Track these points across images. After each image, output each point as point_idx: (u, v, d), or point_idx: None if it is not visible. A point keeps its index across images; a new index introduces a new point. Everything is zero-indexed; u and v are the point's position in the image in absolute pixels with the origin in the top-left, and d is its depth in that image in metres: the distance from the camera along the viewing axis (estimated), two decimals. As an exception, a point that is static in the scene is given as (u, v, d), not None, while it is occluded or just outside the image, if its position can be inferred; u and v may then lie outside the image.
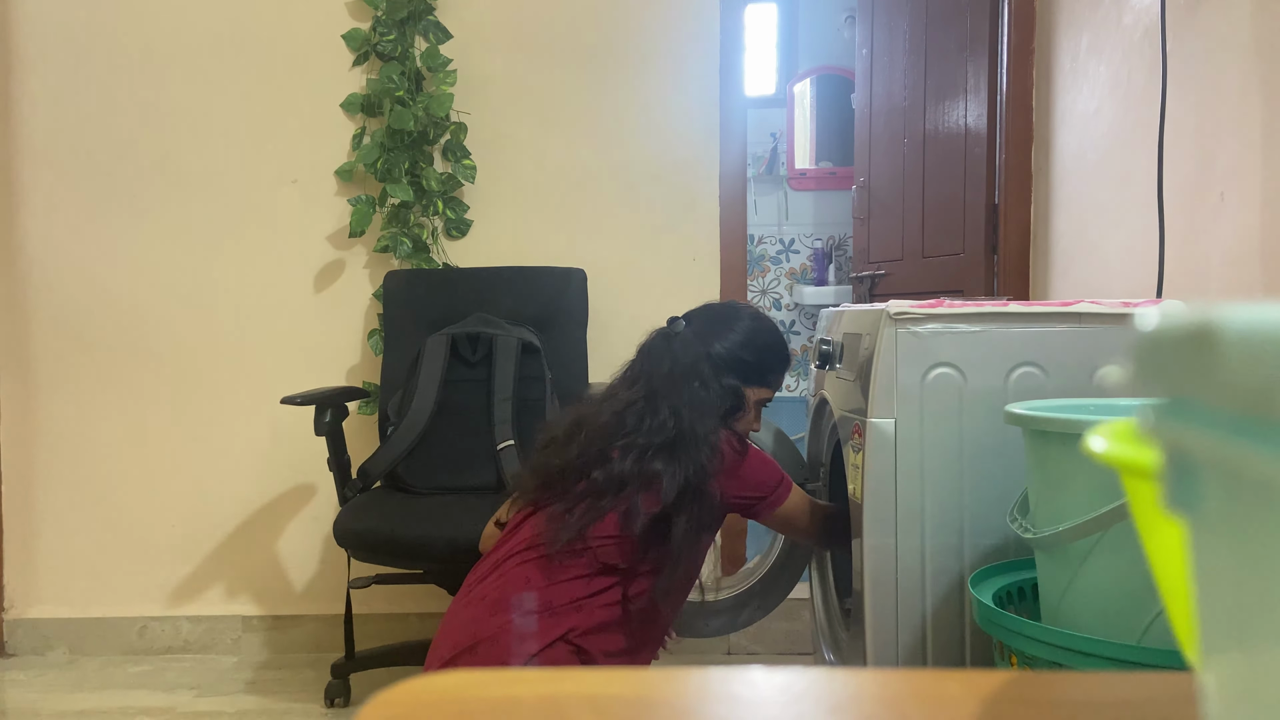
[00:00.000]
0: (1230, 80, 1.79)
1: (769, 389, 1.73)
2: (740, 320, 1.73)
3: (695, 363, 1.64)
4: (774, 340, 1.75)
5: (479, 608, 1.52)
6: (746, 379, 1.69)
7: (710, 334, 1.69)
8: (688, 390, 1.60)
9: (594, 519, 1.51)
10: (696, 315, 1.75)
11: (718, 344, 1.67)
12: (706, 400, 1.60)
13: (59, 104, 2.67)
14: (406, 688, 0.48)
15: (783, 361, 1.76)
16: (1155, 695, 0.48)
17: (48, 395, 2.70)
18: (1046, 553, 1.20)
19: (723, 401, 1.63)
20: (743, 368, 1.68)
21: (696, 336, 1.68)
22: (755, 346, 1.71)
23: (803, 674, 0.50)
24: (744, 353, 1.69)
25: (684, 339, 1.68)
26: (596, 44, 2.71)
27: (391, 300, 2.57)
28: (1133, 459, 0.33)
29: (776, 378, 1.75)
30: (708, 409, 1.60)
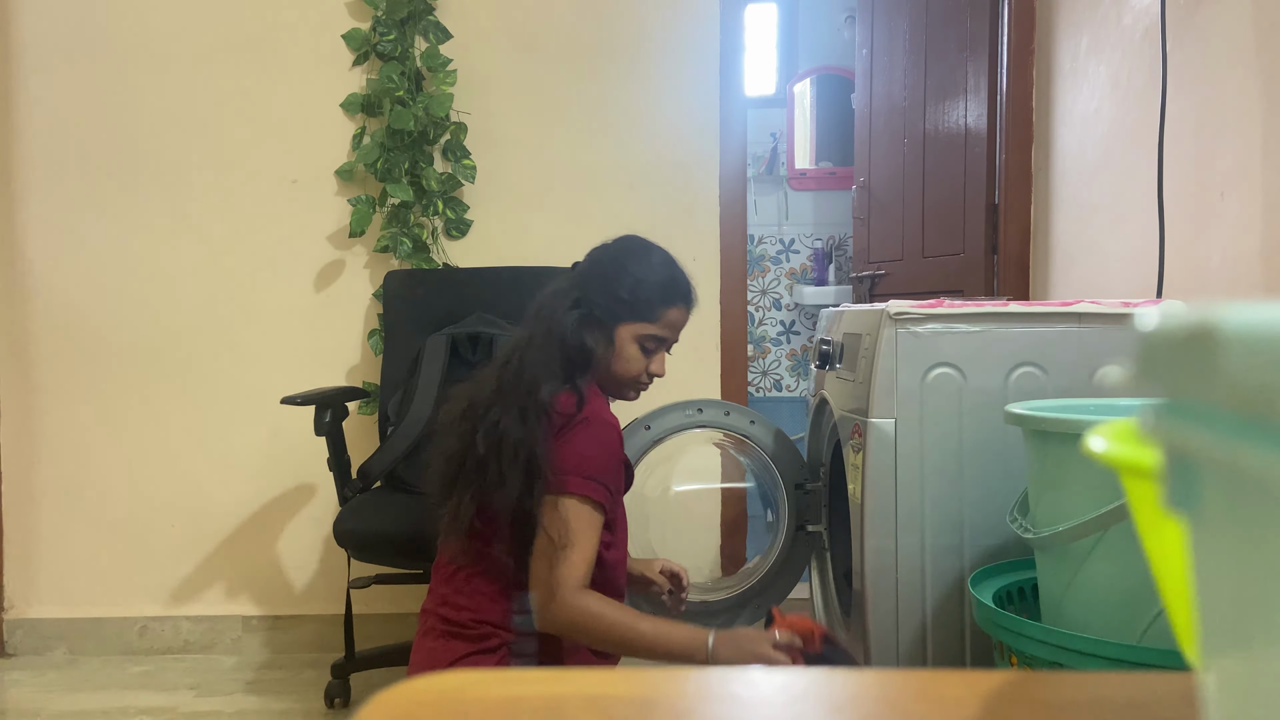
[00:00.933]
0: (1230, 80, 1.79)
1: (649, 323, 1.51)
2: (611, 252, 1.56)
3: (551, 311, 1.49)
4: (649, 269, 1.53)
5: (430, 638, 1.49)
6: (618, 316, 1.50)
7: (583, 274, 1.54)
8: (534, 345, 1.47)
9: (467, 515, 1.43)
10: (585, 259, 1.59)
11: (585, 284, 1.52)
12: (547, 353, 1.45)
13: (59, 104, 2.67)
14: (406, 688, 0.48)
15: (662, 289, 1.52)
16: (1155, 695, 0.48)
17: (48, 395, 2.70)
18: (1046, 553, 1.20)
19: (565, 350, 1.46)
20: (615, 306, 1.50)
21: (570, 282, 1.54)
22: (630, 281, 1.51)
23: (803, 674, 0.50)
24: (617, 290, 1.50)
25: (558, 286, 1.54)
26: (596, 44, 2.71)
27: (391, 300, 2.57)
28: (1133, 459, 0.33)
29: (656, 309, 1.51)
30: (546, 362, 1.45)
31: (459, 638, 1.45)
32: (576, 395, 1.44)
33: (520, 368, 1.45)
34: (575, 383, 1.45)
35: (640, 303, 1.50)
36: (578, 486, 1.39)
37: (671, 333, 1.54)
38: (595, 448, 1.42)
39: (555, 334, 1.47)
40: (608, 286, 1.50)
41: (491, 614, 1.44)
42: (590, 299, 1.49)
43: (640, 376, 1.53)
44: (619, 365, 1.51)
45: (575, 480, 1.39)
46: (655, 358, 1.54)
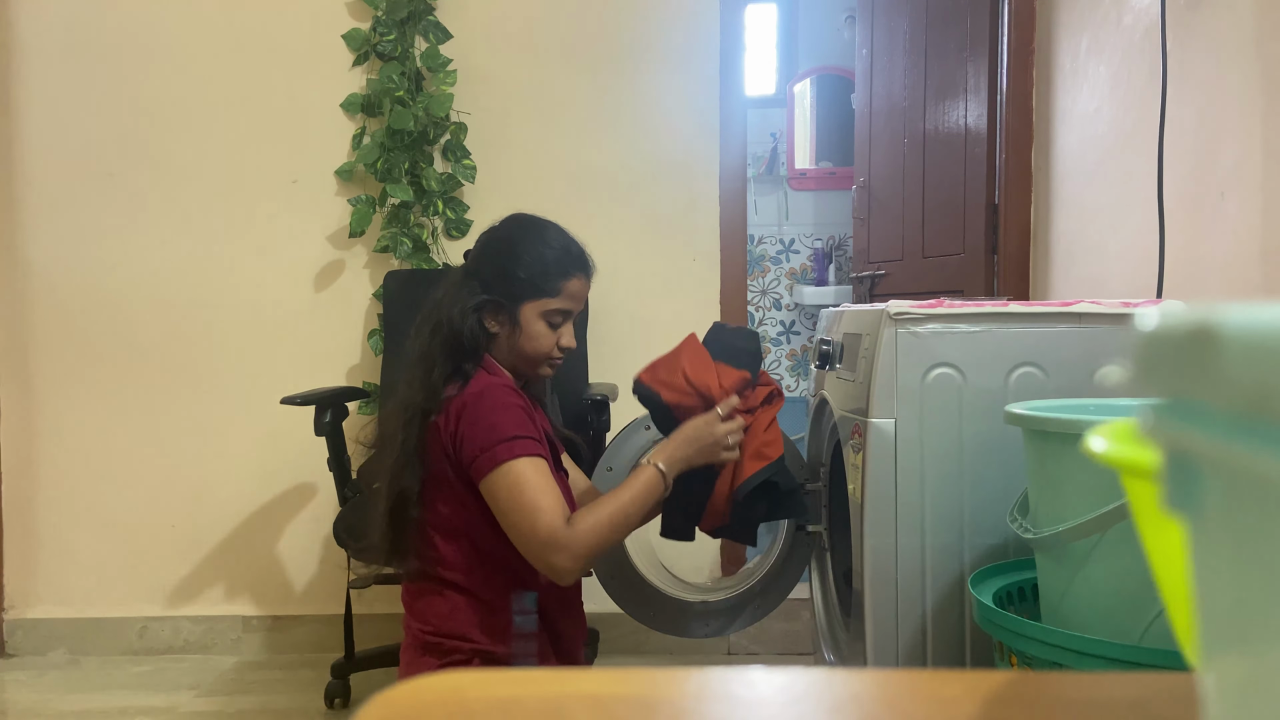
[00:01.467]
0: (1230, 80, 1.79)
1: (552, 297, 1.49)
2: (502, 233, 1.55)
3: (446, 303, 1.48)
4: (540, 244, 1.51)
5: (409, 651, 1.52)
6: (517, 296, 1.48)
7: (476, 260, 1.53)
8: (424, 343, 1.46)
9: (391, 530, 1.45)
10: (476, 245, 1.58)
11: (480, 269, 1.50)
12: (436, 348, 1.44)
13: (59, 104, 2.67)
14: (406, 688, 0.48)
15: (559, 263, 1.50)
16: (1155, 695, 0.48)
17: (47, 395, 2.70)
18: (1046, 553, 1.20)
19: (457, 340, 1.44)
20: (512, 285, 1.48)
21: (464, 271, 1.52)
22: (525, 259, 1.49)
23: (803, 674, 0.50)
24: (514, 269, 1.48)
25: (452, 279, 1.53)
26: (596, 44, 2.71)
27: (391, 300, 2.57)
28: (1133, 459, 0.33)
29: (555, 283, 1.49)
30: (434, 358, 1.44)
31: (430, 652, 1.47)
32: (461, 379, 1.43)
33: (408, 367, 1.46)
34: (464, 370, 1.44)
35: (539, 279, 1.48)
36: (507, 451, 1.37)
37: (575, 304, 1.53)
38: (500, 412, 1.40)
39: (446, 326, 1.45)
40: (504, 268, 1.49)
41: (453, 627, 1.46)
42: (488, 283, 1.48)
43: (551, 352, 1.52)
44: (528, 344, 1.49)
45: (502, 447, 1.37)
46: (563, 330, 1.52)
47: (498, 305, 1.48)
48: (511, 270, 1.48)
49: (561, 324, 1.52)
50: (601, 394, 2.27)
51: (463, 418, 1.39)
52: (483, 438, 1.38)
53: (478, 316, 1.46)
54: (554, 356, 1.53)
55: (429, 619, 1.47)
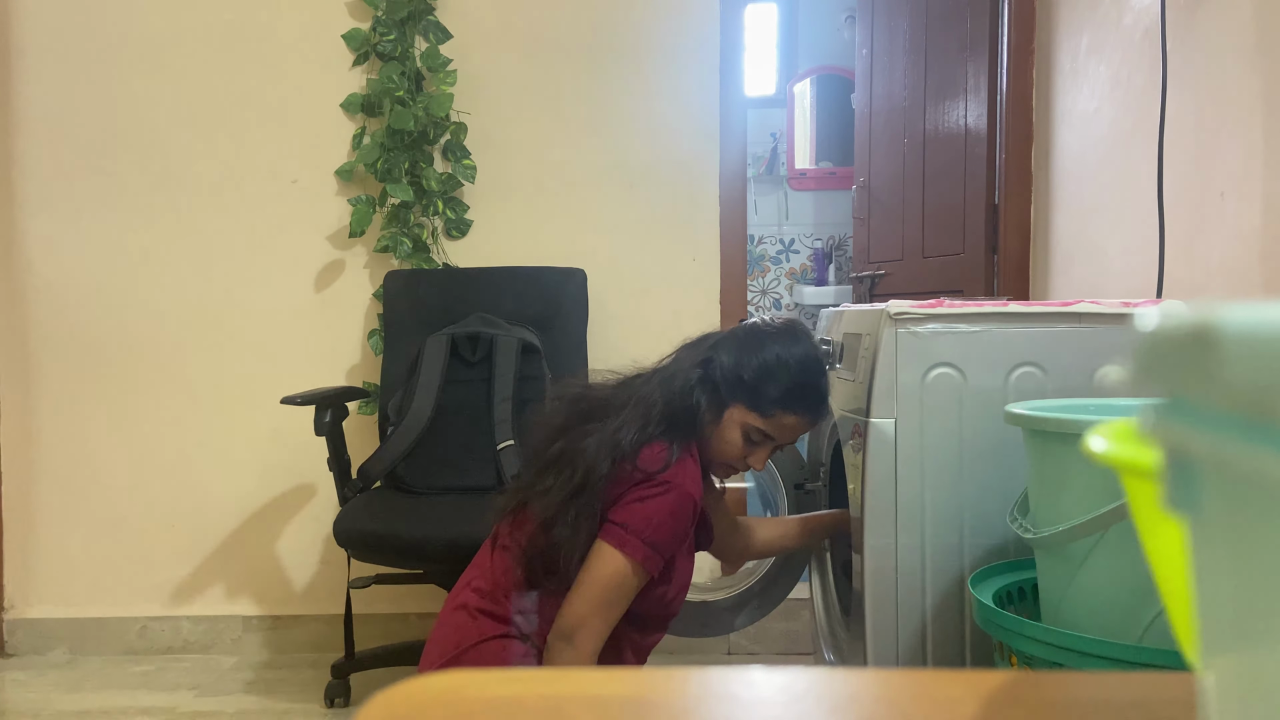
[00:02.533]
0: (1230, 80, 1.79)
1: (762, 416, 1.48)
2: (763, 329, 1.54)
3: (684, 359, 1.51)
4: (784, 365, 1.49)
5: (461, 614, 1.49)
6: (733, 394, 1.48)
7: (727, 337, 1.54)
8: (651, 384, 1.47)
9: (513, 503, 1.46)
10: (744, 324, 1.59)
11: (723, 347, 1.51)
12: (659, 397, 1.45)
13: (59, 104, 2.67)
14: (406, 688, 0.48)
15: (787, 390, 1.48)
16: (1155, 695, 0.48)
17: (47, 395, 2.70)
18: (1046, 553, 1.20)
19: (674, 404, 1.44)
20: (734, 383, 1.48)
21: (717, 339, 1.54)
22: (759, 365, 1.48)
23: (803, 674, 0.50)
24: (743, 369, 1.48)
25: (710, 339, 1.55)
26: (596, 44, 2.71)
27: (391, 300, 2.57)
28: (1133, 459, 0.33)
29: (772, 407, 1.48)
30: (653, 407, 1.44)
31: (490, 617, 1.46)
32: (667, 453, 1.41)
33: (633, 401, 1.45)
34: (673, 440, 1.42)
35: (759, 392, 1.47)
36: (635, 550, 1.38)
37: (781, 435, 1.51)
38: (666, 516, 1.40)
39: (675, 384, 1.46)
40: (738, 360, 1.48)
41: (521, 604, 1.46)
42: (718, 363, 1.48)
43: (735, 463, 1.51)
44: (717, 443, 1.49)
45: (636, 543, 1.38)
46: (757, 451, 1.51)
47: (713, 390, 1.47)
48: (741, 367, 1.48)
49: (759, 444, 1.50)
50: (601, 394, 2.27)
51: (640, 491, 1.39)
52: (636, 520, 1.39)
53: (696, 394, 1.46)
54: (735, 468, 1.53)
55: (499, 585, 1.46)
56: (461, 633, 1.46)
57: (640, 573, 1.40)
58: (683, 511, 1.41)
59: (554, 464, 1.43)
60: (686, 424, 1.45)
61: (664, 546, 1.41)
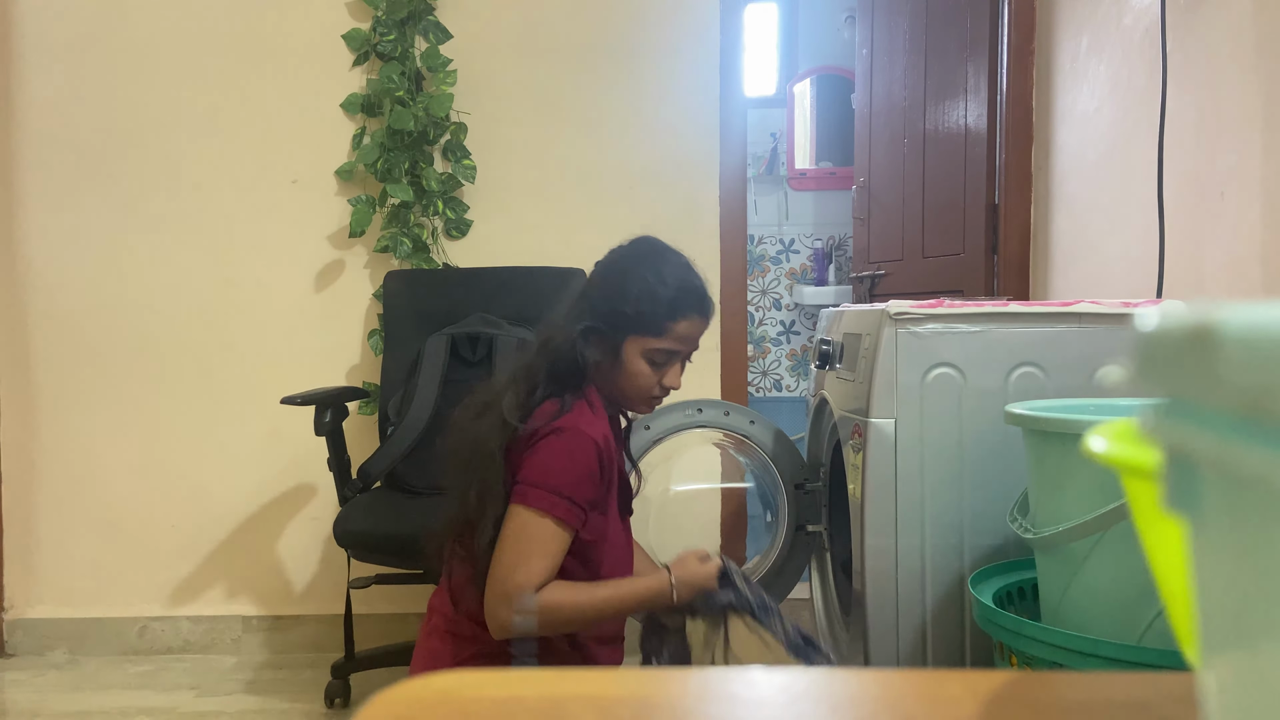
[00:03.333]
0: (1230, 80, 1.79)
1: (657, 336, 1.43)
2: (620, 259, 1.49)
3: (558, 320, 1.45)
4: (658, 279, 1.44)
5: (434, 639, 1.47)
6: (623, 330, 1.42)
7: (591, 283, 1.48)
8: (531, 353, 1.43)
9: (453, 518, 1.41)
10: (599, 262, 1.51)
11: (591, 293, 1.45)
12: (542, 361, 1.41)
13: (59, 104, 2.67)
14: (406, 688, 0.48)
15: (670, 303, 1.44)
16: (1155, 695, 0.48)
17: (47, 395, 2.70)
18: (1046, 553, 1.20)
19: (561, 361, 1.40)
20: (619, 319, 1.42)
21: (580, 291, 1.48)
22: (635, 293, 1.43)
23: (803, 674, 0.50)
24: (621, 303, 1.42)
25: (572, 293, 1.49)
26: (596, 44, 2.71)
27: (391, 300, 2.57)
28: (1133, 459, 0.33)
29: (662, 324, 1.43)
30: (538, 371, 1.40)
31: (460, 637, 1.44)
32: (557, 406, 1.37)
33: (513, 376, 1.43)
34: (564, 394, 1.39)
35: (646, 317, 1.42)
36: (537, 500, 1.33)
37: (683, 345, 1.47)
38: (563, 459, 1.34)
39: (554, 344, 1.42)
40: (613, 298, 1.43)
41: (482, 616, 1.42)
42: (596, 310, 1.43)
43: (651, 391, 1.46)
44: (626, 381, 1.44)
45: (536, 493, 1.33)
46: (667, 371, 1.46)
47: (601, 335, 1.42)
48: (619, 302, 1.42)
49: (665, 364, 1.46)
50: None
51: (534, 446, 1.35)
52: (533, 473, 1.34)
53: (582, 343, 1.41)
54: (654, 395, 1.48)
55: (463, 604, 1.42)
56: (436, 659, 1.44)
57: (556, 522, 1.33)
58: (581, 451, 1.35)
59: (457, 466, 1.40)
60: (574, 376, 1.40)
61: (571, 489, 1.34)
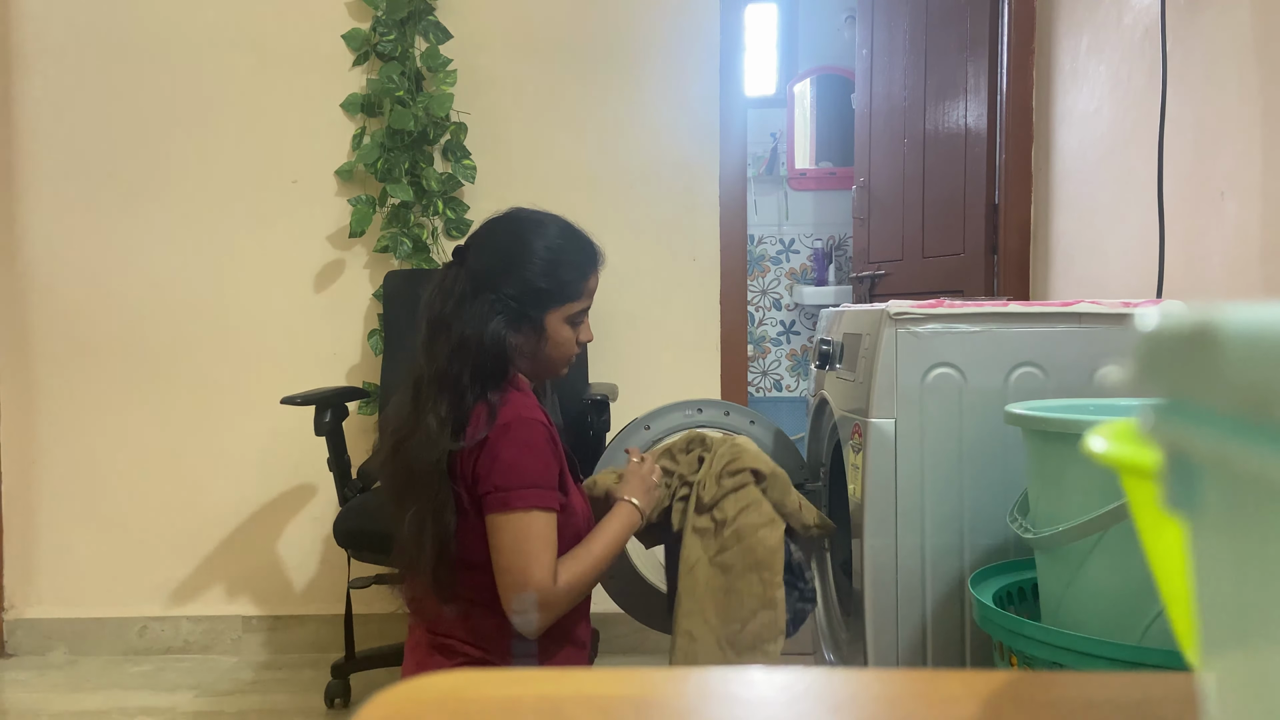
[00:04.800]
0: (1230, 80, 1.79)
1: (575, 300, 1.45)
2: (506, 238, 1.45)
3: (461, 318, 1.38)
4: (557, 243, 1.45)
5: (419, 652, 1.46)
6: (543, 305, 1.41)
7: (484, 270, 1.41)
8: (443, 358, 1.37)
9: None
10: (472, 246, 1.45)
11: (491, 280, 1.40)
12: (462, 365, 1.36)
13: (59, 103, 2.67)
14: (406, 688, 0.48)
15: (578, 265, 1.45)
16: (1155, 695, 0.48)
17: (48, 395, 2.70)
18: (1046, 553, 1.20)
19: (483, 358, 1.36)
20: (537, 295, 1.41)
21: (471, 276, 1.40)
22: (542, 263, 1.41)
23: (803, 674, 0.50)
24: (535, 279, 1.40)
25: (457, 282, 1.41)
26: (596, 44, 2.71)
27: (391, 300, 2.57)
28: (1133, 459, 0.33)
29: (578, 285, 1.45)
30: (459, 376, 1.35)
31: (440, 652, 1.43)
32: (487, 407, 1.35)
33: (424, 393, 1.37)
34: (487, 392, 1.36)
35: (563, 284, 1.43)
36: (521, 500, 1.32)
37: (591, 299, 1.49)
38: (522, 452, 1.34)
39: (470, 344, 1.36)
40: (522, 276, 1.40)
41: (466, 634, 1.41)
42: (504, 295, 1.39)
43: (574, 351, 1.48)
44: (554, 350, 1.44)
45: (514, 495, 1.32)
46: (582, 328, 1.49)
47: (519, 317, 1.40)
48: (531, 279, 1.40)
49: (581, 321, 1.48)
50: (601, 394, 2.27)
51: (487, 450, 1.33)
52: (501, 477, 1.32)
53: (504, 332, 1.38)
54: (573, 355, 1.49)
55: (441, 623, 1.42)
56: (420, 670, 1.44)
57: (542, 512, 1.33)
58: (534, 436, 1.35)
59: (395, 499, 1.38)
60: (500, 368, 1.38)
61: (540, 476, 1.34)
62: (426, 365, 1.39)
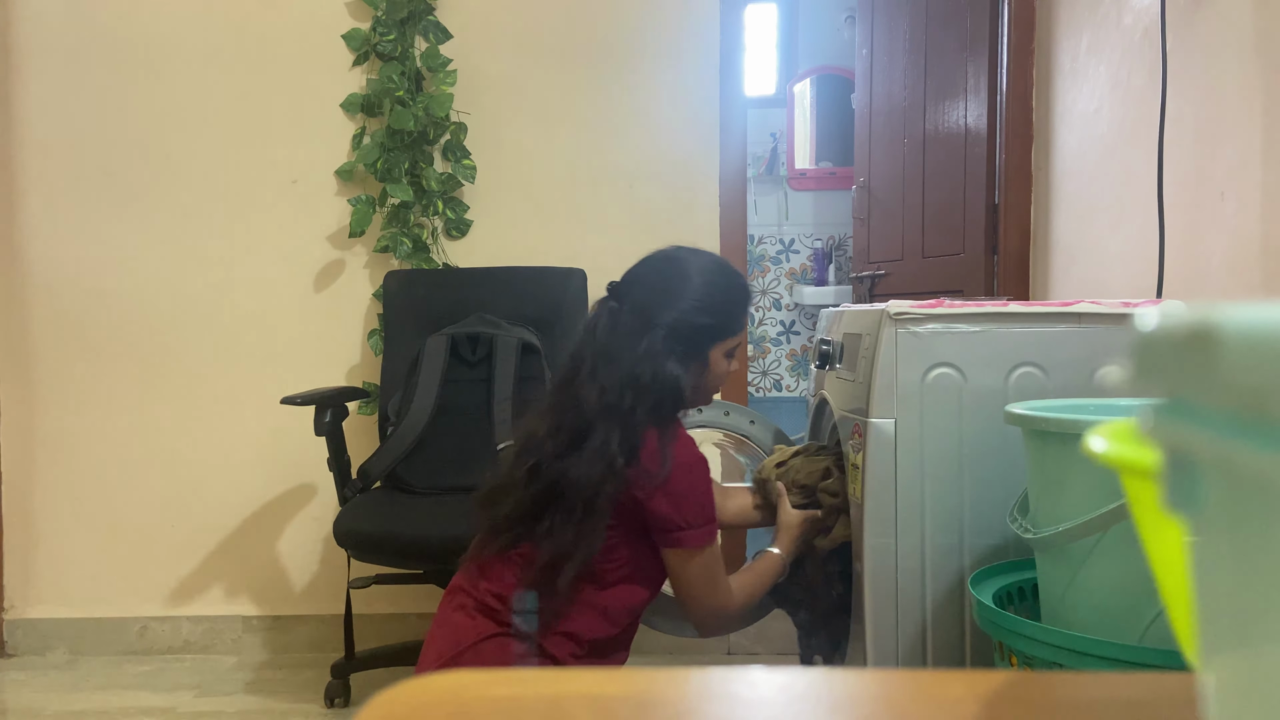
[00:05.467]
0: (1230, 80, 1.79)
1: (735, 334, 1.53)
2: (670, 276, 1.51)
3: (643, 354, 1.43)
4: (729, 285, 1.53)
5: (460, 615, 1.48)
6: (708, 339, 1.48)
7: (656, 304, 1.47)
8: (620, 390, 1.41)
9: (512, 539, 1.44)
10: (635, 283, 1.51)
11: (667, 313, 1.45)
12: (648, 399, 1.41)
13: (59, 104, 2.67)
14: (406, 688, 0.48)
15: (737, 302, 1.55)
16: (1155, 695, 0.48)
17: (48, 395, 2.70)
18: (1046, 553, 1.20)
19: (657, 395, 1.42)
20: (704, 330, 1.48)
21: (637, 312, 1.46)
22: (702, 300, 1.48)
23: (803, 674, 0.50)
24: (701, 316, 1.47)
25: (623, 317, 1.46)
26: (596, 44, 2.71)
27: (391, 300, 2.57)
28: (1133, 459, 0.33)
29: (739, 320, 1.55)
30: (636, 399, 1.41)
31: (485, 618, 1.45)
32: (660, 441, 1.41)
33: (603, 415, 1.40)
34: (660, 425, 1.43)
35: (726, 320, 1.51)
36: (708, 537, 1.47)
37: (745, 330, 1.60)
38: (700, 491, 1.46)
39: (646, 378, 1.41)
40: (689, 314, 1.46)
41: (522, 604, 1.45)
42: (676, 333, 1.45)
43: (724, 382, 1.58)
44: (714, 382, 1.54)
45: (698, 534, 1.45)
46: (735, 359, 1.57)
47: (688, 353, 1.46)
48: (697, 317, 1.47)
49: (736, 353, 1.56)
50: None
51: (671, 488, 1.42)
52: (693, 514, 1.44)
53: (676, 369, 1.44)
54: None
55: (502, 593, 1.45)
56: (459, 633, 1.46)
57: (713, 547, 1.49)
58: (703, 475, 1.48)
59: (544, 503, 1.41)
60: (673, 404, 1.45)
61: (711, 510, 1.48)
62: (597, 397, 1.42)
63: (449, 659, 1.45)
